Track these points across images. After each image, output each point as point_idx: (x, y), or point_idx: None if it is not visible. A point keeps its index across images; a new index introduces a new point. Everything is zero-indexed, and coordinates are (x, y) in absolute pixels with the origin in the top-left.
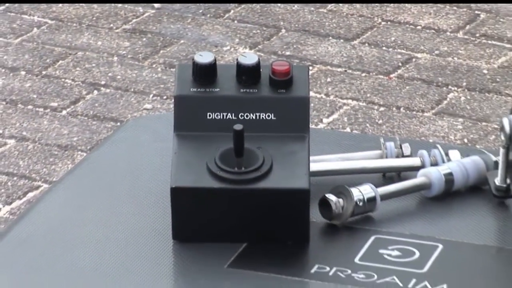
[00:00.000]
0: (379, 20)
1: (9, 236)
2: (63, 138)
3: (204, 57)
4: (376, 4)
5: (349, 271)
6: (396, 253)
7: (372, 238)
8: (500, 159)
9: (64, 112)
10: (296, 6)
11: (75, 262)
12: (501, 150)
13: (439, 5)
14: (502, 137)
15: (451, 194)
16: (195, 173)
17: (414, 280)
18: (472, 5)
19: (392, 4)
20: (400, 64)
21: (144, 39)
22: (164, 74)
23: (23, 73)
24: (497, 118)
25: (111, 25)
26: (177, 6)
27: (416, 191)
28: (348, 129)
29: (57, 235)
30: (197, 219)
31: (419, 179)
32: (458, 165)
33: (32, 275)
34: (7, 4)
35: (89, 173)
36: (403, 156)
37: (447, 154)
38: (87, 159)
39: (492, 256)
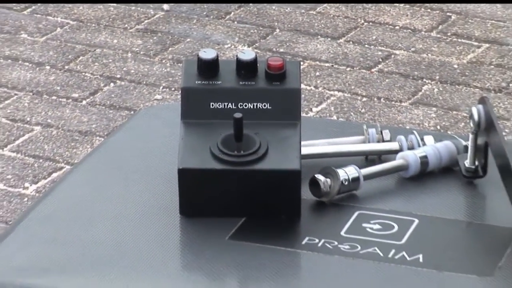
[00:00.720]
0: (362, 21)
1: (35, 211)
2: (83, 125)
3: (207, 54)
4: (359, 7)
5: (336, 243)
6: (377, 226)
7: (356, 213)
8: (469, 143)
9: (84, 102)
10: (288, 8)
11: (94, 235)
12: (470, 136)
13: (415, 8)
14: (471, 124)
15: (426, 174)
16: (199, 156)
17: (393, 251)
18: (444, 7)
19: (373, 7)
20: (380, 60)
21: (155, 37)
22: (172, 68)
23: (47, 67)
24: (467, 107)
25: (126, 25)
26: (184, 8)
27: (394, 172)
28: (334, 117)
29: (77, 211)
30: (201, 197)
31: (397, 161)
32: (432, 149)
33: (56, 247)
34: (33, 7)
35: (106, 156)
36: (383, 141)
37: (422, 139)
38: (104, 143)
39: (462, 230)
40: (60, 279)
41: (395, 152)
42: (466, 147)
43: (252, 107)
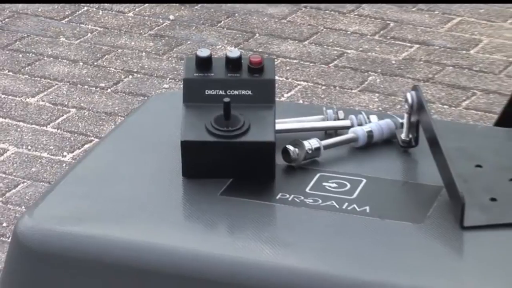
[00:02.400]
0: (322, 28)
1: (71, 174)
2: (108, 107)
3: (203, 52)
4: (320, 17)
5: (302, 198)
6: (334, 185)
7: (318, 175)
8: (404, 121)
9: (109, 90)
10: (265, 18)
11: (117, 192)
12: (405, 115)
13: (362, 17)
14: (406, 106)
15: (371, 145)
16: (197, 131)
17: (346, 203)
18: (384, 17)
19: (330, 17)
20: (335, 57)
21: (163, 40)
22: (177, 64)
23: (81, 63)
24: (402, 93)
25: (141, 31)
26: (185, 18)
27: (347, 143)
28: (301, 101)
29: (104, 174)
30: (199, 162)
31: (349, 135)
32: (376, 125)
33: (87, 201)
34: (70, 17)
35: (126, 131)
36: (338, 119)
37: (368, 118)
38: (124, 122)
39: (399, 187)
40: (91, 227)
41: (348, 127)
42: (402, 124)
43: (237, 93)
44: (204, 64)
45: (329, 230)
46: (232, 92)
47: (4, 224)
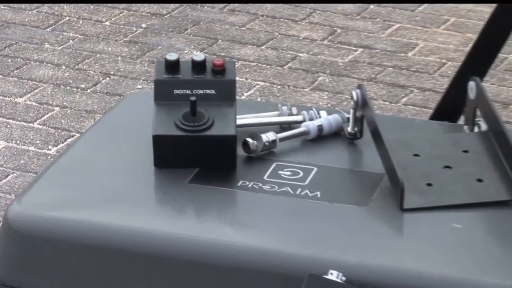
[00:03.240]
0: (277, 34)
1: (55, 165)
2: (88, 106)
3: (172, 56)
4: (275, 24)
5: (261, 184)
6: (288, 173)
7: (274, 164)
8: (350, 116)
9: (88, 90)
10: (227, 26)
11: (96, 181)
12: (351, 111)
13: (312, 25)
14: (352, 103)
15: (321, 137)
16: (167, 126)
17: (299, 189)
18: (332, 24)
19: (284, 25)
20: (289, 60)
21: (137, 46)
22: (149, 67)
23: (63, 67)
24: (348, 91)
25: (117, 38)
26: (156, 26)
27: (300, 136)
28: (259, 99)
29: (85, 165)
30: (169, 154)
31: (302, 128)
32: (325, 119)
33: (70, 190)
34: (53, 26)
35: (104, 127)
36: (292, 115)
37: (318, 113)
38: (102, 118)
39: (346, 174)
40: (73, 212)
41: (300, 122)
42: (348, 118)
43: (202, 92)
44: (172, 66)
45: (284, 213)
46: (198, 91)
47: None
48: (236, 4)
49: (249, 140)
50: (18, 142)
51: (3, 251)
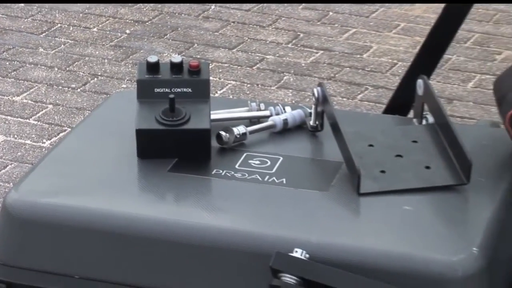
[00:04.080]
0: (247, 39)
1: (48, 156)
2: (78, 103)
3: (152, 58)
4: (245, 30)
5: (233, 172)
6: (257, 162)
7: (245, 154)
8: (312, 111)
9: (78, 90)
10: (202, 31)
11: (86, 170)
12: (313, 106)
13: (277, 30)
14: (313, 99)
15: (286, 130)
16: (149, 121)
17: (267, 177)
18: (296, 29)
19: (253, 30)
20: (258, 61)
21: (121, 50)
22: (132, 69)
23: (56, 69)
24: (310, 89)
25: (103, 43)
26: (138, 32)
27: (267, 129)
28: (231, 96)
29: (75, 156)
30: (150, 146)
31: (269, 122)
32: (290, 114)
33: (63, 178)
34: (46, 32)
35: (92, 122)
36: (260, 110)
37: (284, 109)
38: (91, 114)
39: (309, 163)
40: (65, 199)
41: (268, 117)
42: (310, 113)
43: (180, 91)
44: (153, 68)
45: (254, 198)
46: (176, 90)
47: None
48: (210, 12)
49: (222, 133)
50: (15, 136)
51: (2, 233)
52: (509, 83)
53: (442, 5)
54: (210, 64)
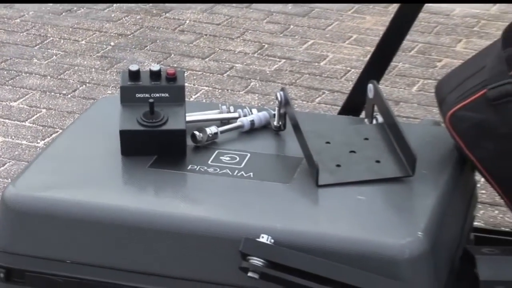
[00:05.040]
0: (217, 49)
1: (42, 155)
2: (68, 108)
3: (134, 67)
4: (216, 41)
5: (206, 167)
6: (227, 158)
7: (216, 151)
8: (276, 112)
9: (69, 95)
10: (178, 43)
11: (77, 166)
12: (276, 108)
13: (245, 41)
14: (277, 102)
15: (253, 130)
16: (131, 122)
17: (236, 171)
18: (261, 40)
19: (223, 41)
20: (228, 69)
21: (107, 60)
22: (117, 77)
23: (48, 77)
24: (274, 93)
25: (91, 54)
26: (122, 44)
27: (237, 129)
28: (204, 101)
29: (67, 153)
30: (133, 145)
31: (238, 123)
32: (256, 116)
33: (55, 174)
34: (40, 45)
35: (81, 124)
36: (230, 112)
37: (251, 111)
38: (80, 117)
39: (274, 159)
40: (58, 192)
41: (236, 118)
42: (274, 114)
43: (159, 96)
44: (134, 75)
45: (225, 190)
46: (155, 95)
47: None
48: (185, 26)
49: (196, 132)
50: (13, 137)
51: (1, 224)
52: (448, 87)
53: (389, 19)
54: (185, 72)
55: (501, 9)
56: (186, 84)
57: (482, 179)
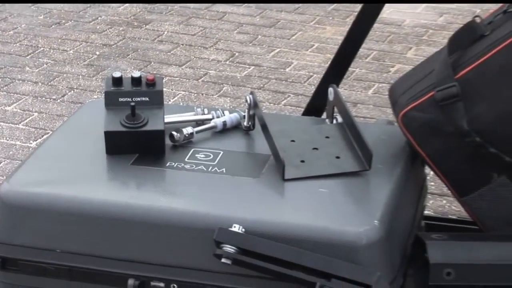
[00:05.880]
0: (193, 57)
1: (34, 154)
2: (58, 111)
3: (117, 74)
4: (192, 50)
5: (183, 164)
6: (202, 156)
7: (192, 150)
8: (246, 114)
9: (58, 100)
10: (157, 52)
11: (65, 164)
12: (246, 110)
13: (218, 50)
14: (247, 105)
15: (226, 130)
16: (115, 124)
17: (210, 167)
18: (232, 49)
19: (198, 50)
20: (202, 75)
21: (93, 68)
22: (102, 83)
23: (40, 84)
24: (244, 97)
25: (78, 62)
26: (106, 53)
27: (210, 129)
28: (181, 104)
29: (56, 153)
30: (116, 144)
31: (211, 124)
32: (228, 117)
33: (46, 171)
34: (32, 54)
35: (70, 126)
36: (204, 114)
37: (223, 112)
38: (68, 120)
39: (245, 156)
40: (49, 188)
41: (210, 119)
42: (244, 116)
43: (139, 99)
44: (117, 81)
45: (200, 184)
46: (136, 99)
47: None
48: (163, 36)
49: (174, 133)
50: (7, 138)
51: None
52: (400, 90)
53: (347, 29)
54: (164, 78)
55: (447, 20)
56: (164, 89)
57: (431, 172)
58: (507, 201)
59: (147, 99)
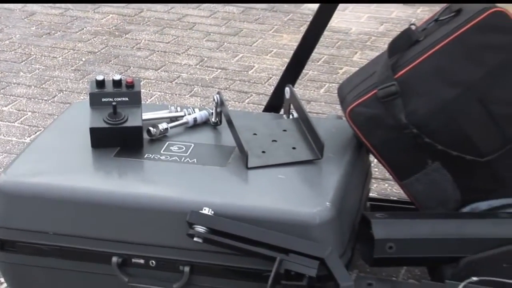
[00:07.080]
0: (168, 62)
1: (28, 148)
2: (49, 111)
3: (100, 77)
4: (166, 56)
5: (159, 156)
6: (176, 148)
7: (167, 143)
8: (213, 111)
9: (49, 101)
10: (136, 58)
11: (56, 157)
12: (214, 108)
13: (189, 55)
14: (214, 103)
15: (196, 125)
16: (99, 121)
17: (183, 158)
18: (201, 55)
19: (172, 56)
20: (176, 78)
21: (79, 72)
22: (87, 85)
23: (33, 87)
24: (212, 96)
25: (67, 67)
26: (91, 60)
27: (183, 125)
28: (157, 103)
29: (48, 147)
30: (101, 139)
31: (184, 120)
32: (198, 114)
33: (39, 163)
34: (25, 61)
35: (60, 123)
36: (177, 112)
37: (194, 110)
38: (58, 118)
39: (214, 148)
40: (42, 179)
41: (183, 116)
42: (212, 113)
43: (120, 99)
44: (100, 84)
45: (174, 173)
46: (117, 99)
47: None
48: (141, 44)
49: (151, 128)
50: (4, 135)
51: None
52: (347, 89)
53: (301, 36)
54: (141, 81)
55: (387, 28)
56: (142, 90)
57: (375, 160)
58: (439, 183)
59: (127, 99)
